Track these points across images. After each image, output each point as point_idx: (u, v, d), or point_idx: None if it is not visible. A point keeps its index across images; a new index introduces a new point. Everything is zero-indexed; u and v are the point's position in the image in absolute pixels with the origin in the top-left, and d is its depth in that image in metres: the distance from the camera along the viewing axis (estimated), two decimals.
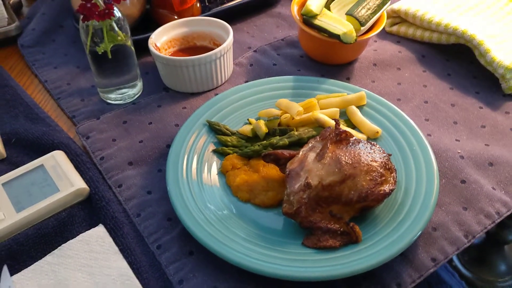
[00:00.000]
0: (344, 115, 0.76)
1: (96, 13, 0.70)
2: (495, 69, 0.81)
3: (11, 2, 1.05)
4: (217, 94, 0.82)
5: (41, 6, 1.05)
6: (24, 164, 0.72)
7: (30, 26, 1.02)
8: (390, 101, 0.78)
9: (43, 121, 0.81)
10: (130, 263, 0.60)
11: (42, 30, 1.01)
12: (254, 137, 0.73)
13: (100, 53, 0.76)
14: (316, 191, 0.60)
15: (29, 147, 0.76)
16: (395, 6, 0.94)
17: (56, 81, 0.90)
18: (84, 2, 0.69)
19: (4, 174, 0.70)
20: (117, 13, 0.75)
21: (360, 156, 0.62)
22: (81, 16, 0.72)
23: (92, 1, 0.69)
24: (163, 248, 0.62)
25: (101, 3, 0.71)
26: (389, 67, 0.89)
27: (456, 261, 1.09)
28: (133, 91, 0.84)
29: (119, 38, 0.76)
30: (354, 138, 0.65)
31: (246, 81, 0.87)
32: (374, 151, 0.63)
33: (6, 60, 0.96)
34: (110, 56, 0.77)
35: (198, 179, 0.67)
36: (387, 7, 0.86)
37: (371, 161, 0.62)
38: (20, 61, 0.96)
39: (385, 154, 0.64)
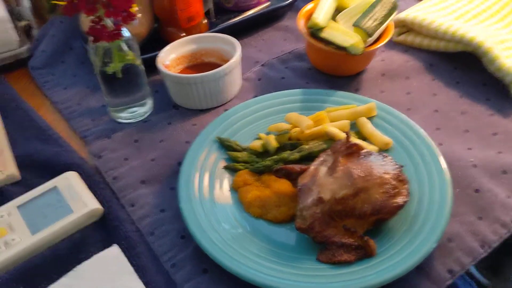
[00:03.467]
0: (355, 127, 0.76)
1: (106, 34, 0.71)
2: (503, 76, 0.81)
3: (22, 24, 1.06)
4: (226, 110, 0.82)
5: (51, 28, 1.06)
6: (38, 185, 0.72)
7: (40, 48, 1.03)
8: (400, 111, 0.78)
9: (55, 142, 0.81)
10: (145, 283, 0.60)
11: (52, 52, 1.02)
12: (264, 152, 0.73)
13: (109, 73, 0.77)
14: (329, 205, 0.60)
15: (42, 168, 0.77)
16: (402, 15, 0.94)
17: (66, 101, 0.91)
18: (93, 24, 0.69)
19: (19, 196, 0.70)
20: (126, 33, 0.76)
21: (372, 168, 0.62)
22: (91, 38, 0.72)
23: (102, 23, 0.70)
24: (177, 266, 0.62)
25: (110, 24, 0.72)
26: (398, 76, 0.89)
27: (473, 269, 1.07)
28: (144, 109, 0.85)
29: (129, 57, 0.77)
30: (365, 150, 0.65)
31: (255, 96, 0.87)
32: (386, 163, 0.63)
33: (17, 82, 0.98)
34: (120, 76, 0.77)
35: (210, 196, 0.68)
36: (394, 17, 0.86)
37: (383, 173, 0.61)
38: (30, 83, 0.97)
39: (397, 166, 0.63)
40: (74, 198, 0.69)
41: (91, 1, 0.68)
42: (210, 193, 0.68)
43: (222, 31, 0.94)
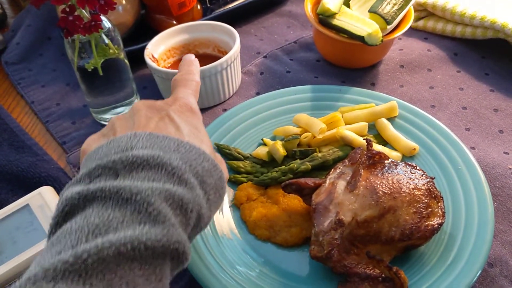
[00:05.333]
0: (373, 129, 0.66)
1: (81, 26, 0.60)
2: None
3: None
4: (225, 110, 0.72)
5: (26, 17, 0.95)
6: (8, 202, 0.63)
7: (14, 40, 0.92)
8: (423, 109, 0.68)
9: (29, 149, 0.71)
10: None
11: (28, 44, 0.91)
12: (270, 161, 0.63)
13: (89, 70, 0.66)
14: (349, 229, 0.50)
15: (14, 181, 0.67)
16: None
17: (44, 101, 0.81)
18: (65, 15, 0.59)
19: None
20: (106, 23, 0.66)
21: (400, 183, 0.52)
22: (64, 31, 0.62)
23: (75, 13, 0.59)
24: None
25: (86, 14, 0.61)
26: (418, 68, 0.79)
27: None
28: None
29: (111, 51, 0.67)
30: (390, 160, 0.55)
31: (257, 93, 0.77)
32: (416, 176, 0.53)
33: None
34: (101, 73, 0.67)
35: None
36: (414, 1, 0.75)
37: (413, 188, 0.52)
38: (4, 81, 0.87)
39: (428, 179, 0.53)
40: (49, 219, 0.59)
41: None
42: None
43: (218, 18, 0.85)
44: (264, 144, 0.66)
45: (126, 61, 0.71)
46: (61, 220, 0.37)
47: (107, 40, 0.66)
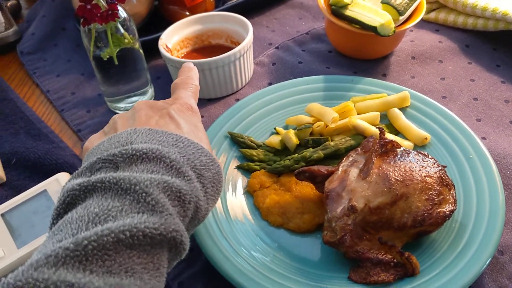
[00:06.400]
0: (385, 119, 0.67)
1: (98, 15, 0.61)
2: None
3: (8, 5, 0.97)
4: (238, 99, 0.73)
5: (41, 8, 0.96)
6: (25, 188, 0.64)
7: (29, 30, 0.94)
8: (434, 100, 0.68)
9: (46, 137, 0.72)
10: None
11: (43, 35, 0.93)
12: (283, 150, 0.64)
13: (105, 59, 0.67)
14: (362, 215, 0.51)
15: (31, 168, 0.68)
16: None
17: (59, 90, 0.82)
18: (83, 3, 0.60)
19: (4, 201, 0.62)
20: (122, 13, 0.66)
21: (412, 171, 0.52)
22: (81, 20, 0.63)
23: (93, 2, 0.60)
24: (185, 285, 0.54)
25: (103, 3, 0.62)
26: (430, 60, 0.79)
27: None
28: (144, 98, 0.76)
29: (126, 41, 0.68)
30: (402, 148, 0.55)
31: (269, 83, 0.78)
32: (428, 164, 0.54)
33: (4, 69, 0.88)
34: (116, 62, 0.68)
35: (222, 201, 0.59)
36: None
37: (425, 176, 0.52)
38: (20, 70, 0.88)
39: (440, 167, 0.54)
40: None
41: None
42: (221, 198, 0.59)
43: (230, 9, 0.85)
44: (277, 133, 0.66)
45: (141, 51, 0.72)
46: (62, 211, 0.38)
47: (122, 30, 0.67)
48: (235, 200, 0.60)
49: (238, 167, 0.63)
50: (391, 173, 0.52)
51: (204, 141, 0.47)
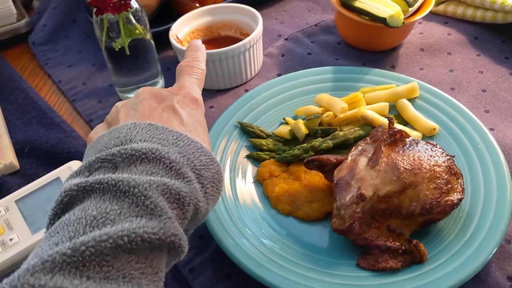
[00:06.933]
0: (393, 110, 0.67)
1: (111, 5, 0.62)
2: None
3: None
4: (247, 90, 0.74)
5: None
6: (38, 176, 0.65)
7: (41, 21, 0.95)
8: (443, 91, 0.69)
9: (58, 126, 0.74)
10: None
11: (54, 26, 0.94)
12: (292, 139, 0.65)
13: (117, 49, 0.68)
14: (371, 203, 0.52)
15: (44, 156, 0.69)
16: None
17: (70, 81, 0.83)
18: None
19: (18, 189, 0.63)
20: (134, 4, 0.67)
21: (421, 160, 0.53)
22: (94, 10, 0.64)
23: None
24: (196, 271, 0.55)
25: None
26: (438, 52, 0.79)
27: None
28: None
29: (137, 31, 0.68)
30: (411, 138, 0.56)
31: (279, 74, 0.78)
32: (436, 153, 0.54)
33: (17, 60, 0.90)
34: (128, 52, 0.69)
35: (232, 189, 0.60)
36: None
37: (433, 165, 0.53)
38: (31, 61, 0.89)
39: (448, 157, 0.55)
40: None
41: None
42: (231, 187, 0.60)
43: (239, 1, 0.85)
44: (286, 123, 0.67)
45: (152, 42, 0.72)
46: (59, 211, 0.37)
47: (134, 20, 0.68)
48: (245, 189, 0.60)
49: (248, 157, 0.64)
50: (399, 162, 0.53)
51: (205, 138, 0.46)
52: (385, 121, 0.62)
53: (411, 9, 0.72)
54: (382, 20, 0.69)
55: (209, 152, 0.43)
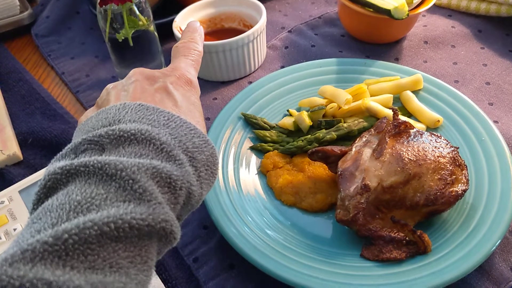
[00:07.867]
0: (397, 102, 0.67)
1: None
2: None
3: None
4: (250, 82, 0.74)
5: None
6: (42, 167, 0.66)
7: (44, 13, 0.94)
8: (447, 84, 0.69)
9: (61, 117, 0.74)
10: (164, 280, 0.53)
11: (57, 18, 0.94)
12: (296, 131, 0.65)
13: (120, 40, 0.68)
14: (375, 194, 0.52)
15: (47, 147, 0.70)
16: None
17: (74, 72, 0.83)
18: None
19: (21, 179, 0.63)
20: None
21: (425, 151, 0.53)
22: (98, 0, 0.63)
23: None
24: (200, 261, 0.55)
25: None
26: (442, 44, 0.79)
27: None
28: None
29: (141, 23, 0.68)
30: (415, 129, 0.56)
31: (282, 66, 0.78)
32: (440, 145, 0.54)
33: (20, 52, 0.90)
34: (131, 44, 0.69)
35: (236, 181, 0.60)
36: None
37: (438, 156, 0.53)
38: (34, 52, 0.89)
39: (452, 148, 0.54)
40: None
41: None
42: (235, 177, 0.60)
43: None
44: (290, 115, 0.67)
45: (156, 33, 0.72)
46: (43, 196, 0.35)
47: (137, 12, 0.68)
48: (249, 179, 0.60)
49: (252, 148, 0.64)
50: (404, 153, 0.53)
51: (200, 121, 0.44)
52: (389, 112, 0.62)
53: (415, 1, 0.71)
54: (387, 12, 0.69)
55: (202, 134, 0.41)
